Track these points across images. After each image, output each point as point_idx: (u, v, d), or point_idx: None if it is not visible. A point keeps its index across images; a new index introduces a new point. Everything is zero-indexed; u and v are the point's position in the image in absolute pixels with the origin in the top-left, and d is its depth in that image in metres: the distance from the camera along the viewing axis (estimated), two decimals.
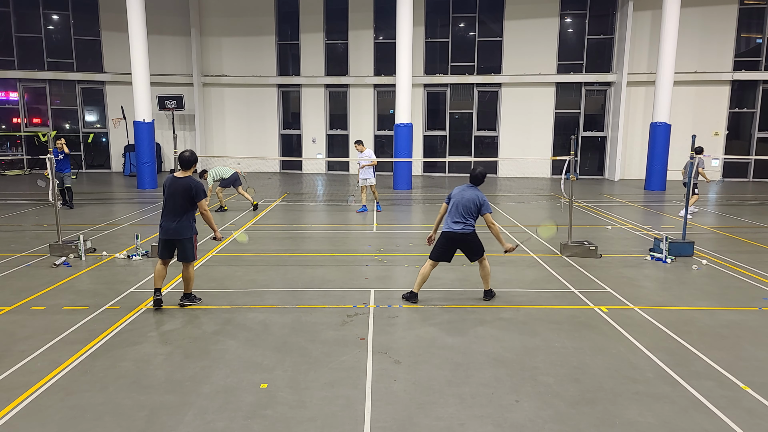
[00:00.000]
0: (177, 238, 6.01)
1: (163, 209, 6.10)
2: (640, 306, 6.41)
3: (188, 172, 6.08)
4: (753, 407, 4.13)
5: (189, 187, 5.94)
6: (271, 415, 4.01)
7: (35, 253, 8.80)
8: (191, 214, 6.07)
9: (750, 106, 21.42)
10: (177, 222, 5.96)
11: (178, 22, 23.09)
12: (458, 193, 6.43)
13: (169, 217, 5.99)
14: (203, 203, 6.03)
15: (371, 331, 5.59)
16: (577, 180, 13.14)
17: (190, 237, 6.07)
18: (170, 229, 6.00)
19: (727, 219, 12.54)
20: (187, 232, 6.04)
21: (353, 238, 10.54)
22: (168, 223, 6.01)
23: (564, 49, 22.00)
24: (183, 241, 6.04)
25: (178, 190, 5.93)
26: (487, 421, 3.94)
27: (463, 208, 6.32)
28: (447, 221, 6.43)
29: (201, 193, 5.99)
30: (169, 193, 5.98)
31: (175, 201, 5.94)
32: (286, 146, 24.44)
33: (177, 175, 6.04)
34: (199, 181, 6.02)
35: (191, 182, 5.97)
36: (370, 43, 22.92)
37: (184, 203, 5.94)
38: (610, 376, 4.64)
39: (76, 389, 4.37)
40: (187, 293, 6.29)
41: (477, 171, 6.48)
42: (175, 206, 5.95)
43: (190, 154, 6.08)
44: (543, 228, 7.92)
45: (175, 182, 5.98)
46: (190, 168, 6.11)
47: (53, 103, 23.52)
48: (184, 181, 5.96)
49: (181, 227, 5.99)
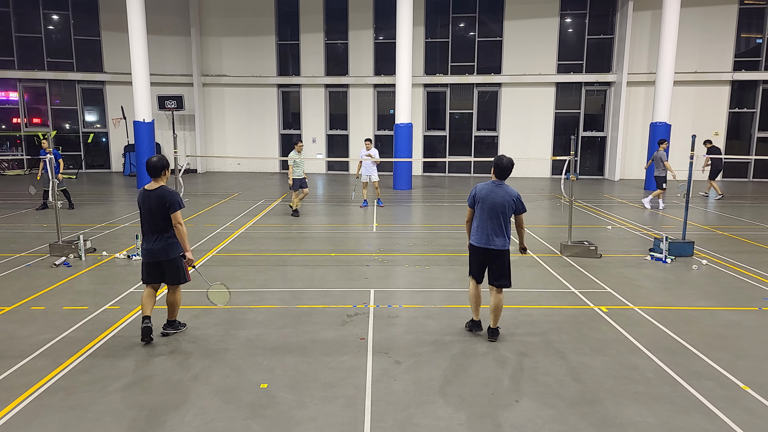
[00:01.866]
0: (164, 259, 5.27)
1: (142, 229, 5.39)
2: (640, 306, 6.41)
3: (160, 180, 5.28)
4: (753, 407, 4.14)
5: (162, 197, 5.17)
6: (271, 415, 4.01)
7: (35, 253, 8.80)
8: (173, 230, 5.30)
9: (750, 106, 21.41)
10: (160, 241, 5.24)
11: (178, 22, 23.08)
12: (486, 195, 5.27)
13: (151, 237, 5.27)
14: (178, 215, 5.22)
15: (371, 331, 5.59)
16: (577, 180, 13.13)
17: (177, 257, 5.33)
18: (154, 250, 5.25)
19: (727, 219, 12.54)
20: (174, 250, 5.30)
21: (353, 238, 10.54)
22: (151, 244, 5.27)
23: (564, 49, 22.00)
24: (171, 262, 5.30)
25: (152, 204, 5.19)
26: (487, 421, 3.94)
27: (498, 215, 5.22)
28: (477, 232, 5.34)
29: (175, 204, 5.20)
30: (145, 210, 5.26)
31: (153, 217, 5.21)
32: (286, 146, 24.42)
33: (148, 188, 5.26)
34: (174, 191, 5.26)
35: (164, 192, 5.20)
36: (370, 43, 22.92)
37: (163, 218, 5.20)
38: (610, 376, 4.64)
39: (76, 389, 4.37)
40: (171, 320, 5.57)
41: (505, 161, 5.28)
42: (154, 223, 5.22)
43: (157, 160, 5.26)
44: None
45: (148, 196, 5.23)
46: (161, 175, 5.27)
47: (53, 103, 23.51)
48: (156, 192, 5.20)
49: (167, 246, 5.25)
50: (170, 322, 5.57)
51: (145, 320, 5.28)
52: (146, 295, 5.39)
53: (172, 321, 5.57)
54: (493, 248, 5.27)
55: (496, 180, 5.32)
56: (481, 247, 5.32)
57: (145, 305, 5.34)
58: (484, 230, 5.28)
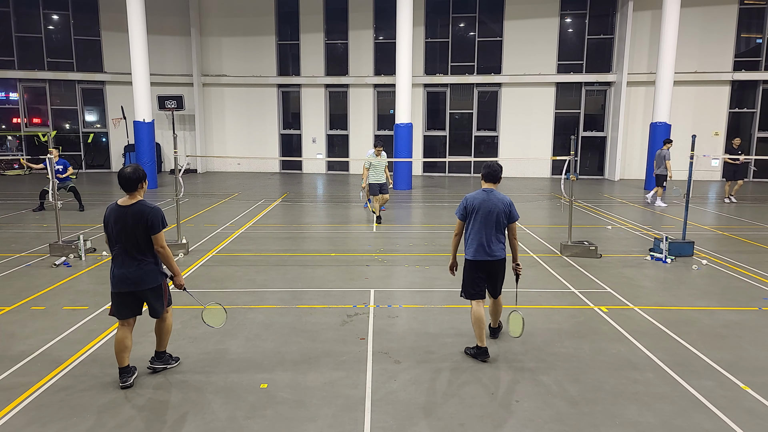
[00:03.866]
0: (139, 289, 4.36)
1: (111, 251, 4.43)
2: (640, 306, 6.41)
3: (136, 195, 4.38)
4: (753, 407, 4.13)
5: (141, 214, 4.29)
6: (271, 415, 4.01)
7: (35, 253, 8.80)
8: (153, 253, 4.41)
9: (750, 106, 21.42)
10: (136, 266, 4.32)
11: (178, 22, 23.09)
12: (479, 204, 4.96)
13: (124, 261, 4.33)
14: (160, 238, 4.35)
15: (371, 331, 5.59)
16: (577, 180, 13.13)
17: (159, 285, 4.44)
18: (128, 278, 4.32)
19: (727, 219, 12.54)
20: (152, 278, 4.39)
21: (353, 238, 10.54)
22: (122, 270, 4.32)
23: (564, 49, 22.00)
24: (147, 293, 4.40)
25: (129, 223, 4.28)
26: (487, 421, 3.94)
27: (494, 223, 4.95)
28: (473, 245, 5.00)
29: (158, 224, 4.33)
30: (118, 229, 4.31)
31: (128, 239, 4.29)
32: (286, 146, 24.44)
33: (121, 203, 4.35)
34: (155, 207, 4.38)
35: (143, 209, 4.31)
36: (370, 43, 22.92)
37: (141, 240, 4.31)
38: (610, 376, 4.64)
39: (76, 389, 4.37)
40: (160, 351, 4.69)
41: (493, 166, 5.08)
42: (129, 245, 4.30)
43: (132, 171, 4.36)
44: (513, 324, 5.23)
45: (123, 213, 4.31)
46: (137, 188, 4.38)
47: (53, 103, 23.51)
48: (134, 209, 4.31)
49: (144, 273, 4.35)
50: (159, 354, 4.70)
51: (123, 375, 4.37)
52: (120, 338, 4.38)
53: (162, 353, 4.70)
54: (495, 259, 4.99)
55: (486, 187, 5.07)
56: (482, 261, 4.98)
57: (121, 353, 4.37)
58: (481, 241, 4.95)
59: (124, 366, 4.40)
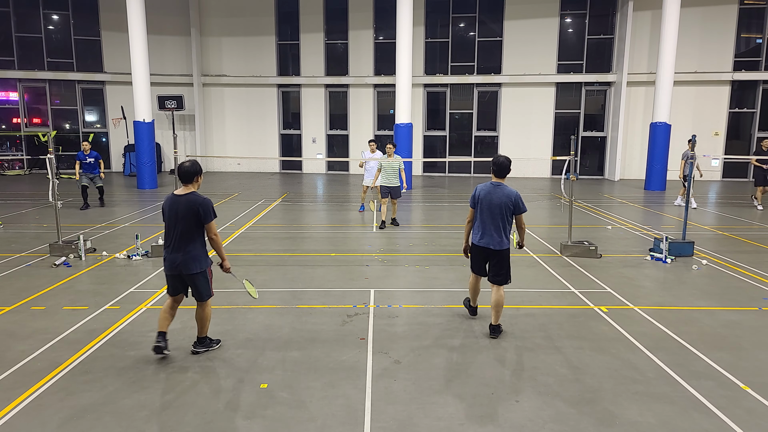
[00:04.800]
0: (186, 273, 4.81)
1: (165, 237, 4.94)
2: (640, 306, 6.41)
3: (191, 186, 4.87)
4: (753, 407, 4.14)
5: (193, 206, 4.74)
6: (271, 415, 4.01)
7: (35, 253, 8.80)
8: (201, 240, 4.86)
9: (750, 106, 21.41)
10: (184, 253, 4.77)
11: (178, 22, 23.08)
12: (485, 196, 5.36)
13: (174, 247, 4.80)
14: (213, 226, 4.84)
15: (371, 331, 5.59)
16: (577, 180, 13.12)
17: (203, 271, 4.88)
18: (175, 262, 4.79)
19: (727, 219, 12.54)
20: (197, 264, 4.82)
21: (353, 238, 10.54)
22: (173, 254, 4.80)
23: (564, 49, 22.00)
24: (194, 277, 4.85)
25: (180, 211, 4.74)
26: (487, 421, 3.94)
27: (496, 215, 5.32)
28: (476, 231, 5.50)
29: (208, 214, 4.78)
30: (170, 216, 4.79)
31: (178, 226, 4.76)
32: (286, 146, 24.43)
33: (177, 193, 4.84)
34: (207, 199, 4.83)
35: (196, 199, 4.77)
36: (370, 43, 22.92)
37: (190, 228, 4.76)
38: (610, 376, 4.64)
39: (76, 389, 4.37)
40: (201, 337, 5.10)
41: (501, 158, 5.36)
42: (179, 232, 4.76)
43: (190, 165, 4.86)
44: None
45: (176, 202, 4.78)
46: (193, 181, 4.88)
47: (53, 103, 23.51)
48: (186, 198, 4.77)
49: (190, 259, 4.79)
50: (200, 339, 5.08)
51: (158, 337, 4.86)
52: (164, 309, 4.99)
53: (203, 338, 5.08)
54: (492, 248, 5.42)
55: (496, 180, 5.44)
56: (481, 246, 5.48)
57: (162, 319, 4.94)
58: (483, 230, 5.44)
59: (162, 331, 4.91)
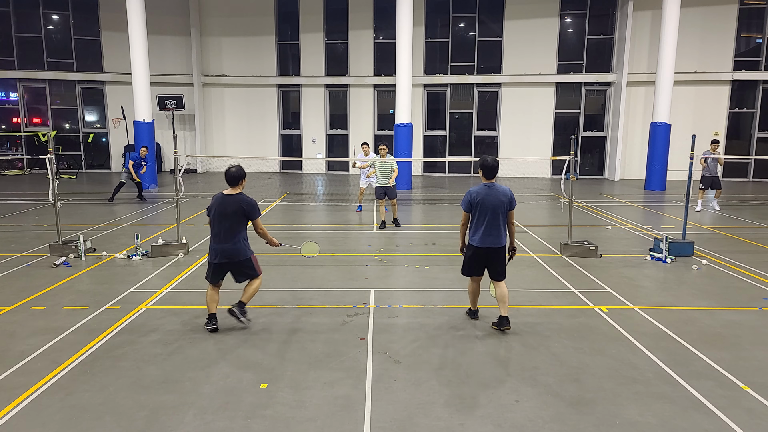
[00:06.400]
0: (235, 260, 5.58)
1: (212, 231, 5.61)
2: (640, 306, 6.41)
3: (238, 188, 5.61)
4: (753, 407, 4.13)
5: (241, 205, 5.52)
6: (271, 415, 4.01)
7: (35, 253, 8.80)
8: (245, 234, 5.67)
9: (750, 106, 21.42)
10: (232, 243, 5.53)
11: (178, 22, 23.08)
12: (484, 198, 5.43)
13: (223, 239, 5.53)
14: (259, 222, 5.66)
15: (371, 331, 5.59)
16: (577, 180, 13.13)
17: (249, 257, 5.67)
18: (227, 251, 5.53)
19: (727, 219, 12.54)
20: (244, 252, 5.62)
21: (353, 238, 10.53)
22: (222, 245, 5.53)
23: (564, 49, 22.00)
24: (242, 263, 5.64)
25: (229, 209, 5.50)
26: (487, 421, 3.94)
27: (498, 214, 5.45)
28: (475, 233, 5.53)
29: (255, 212, 5.60)
30: (219, 213, 5.54)
31: (226, 221, 5.50)
32: (286, 146, 24.44)
33: (226, 193, 5.59)
34: (252, 200, 5.62)
35: (243, 200, 5.55)
36: (370, 43, 22.92)
37: (237, 223, 5.53)
38: (610, 376, 4.64)
39: (76, 389, 4.37)
40: (242, 301, 5.72)
41: (489, 160, 5.48)
42: (228, 225, 5.51)
43: (236, 170, 5.58)
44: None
45: (225, 201, 5.55)
46: (239, 184, 5.61)
47: (53, 103, 23.51)
48: (235, 199, 5.54)
49: (239, 249, 5.56)
50: (241, 303, 5.70)
51: (211, 320, 5.60)
52: (210, 294, 5.68)
53: (243, 303, 5.70)
54: (498, 246, 5.52)
55: (487, 182, 5.51)
56: (485, 248, 5.50)
57: (210, 304, 5.67)
58: (485, 230, 5.47)
59: (212, 312, 5.65)
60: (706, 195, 13.78)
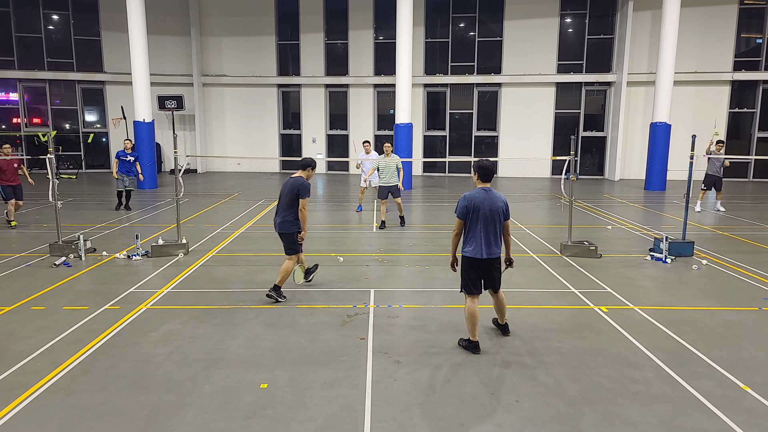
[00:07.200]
0: (281, 231, 6.52)
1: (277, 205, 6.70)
2: (640, 306, 6.41)
3: (302, 173, 6.54)
4: (753, 407, 4.13)
5: (296, 184, 6.40)
6: (271, 415, 4.01)
7: (35, 253, 8.80)
8: (295, 211, 6.43)
9: (750, 106, 21.42)
10: (282, 217, 6.47)
11: (178, 22, 23.08)
12: (481, 203, 5.00)
13: (278, 212, 6.57)
14: (304, 201, 6.40)
15: (371, 331, 5.59)
16: (577, 180, 13.13)
17: (292, 233, 6.47)
18: (276, 223, 6.56)
19: (727, 219, 12.53)
20: (288, 227, 6.46)
21: (353, 238, 10.53)
22: (276, 218, 6.58)
23: (564, 49, 22.00)
24: (284, 235, 6.55)
25: (287, 187, 6.46)
26: (487, 421, 3.94)
27: (496, 222, 5.04)
28: (473, 243, 5.06)
29: (304, 192, 6.40)
30: (282, 191, 6.55)
31: (284, 198, 6.48)
32: (286, 146, 24.44)
33: (293, 175, 6.54)
34: (306, 182, 6.44)
35: (297, 180, 6.42)
36: (370, 43, 22.92)
37: (290, 200, 6.41)
38: (610, 376, 4.64)
39: (76, 389, 4.37)
40: (276, 285, 6.49)
41: (486, 163, 5.12)
42: (282, 202, 6.50)
43: (302, 160, 6.59)
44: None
45: (288, 181, 6.50)
46: (305, 170, 6.56)
47: (53, 103, 23.51)
48: (294, 180, 6.45)
49: (285, 222, 6.46)
50: (275, 286, 6.48)
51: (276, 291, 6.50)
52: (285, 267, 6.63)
53: (277, 287, 6.47)
54: (493, 257, 5.08)
55: (484, 186, 5.11)
56: (482, 258, 5.05)
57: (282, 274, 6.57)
58: (482, 240, 5.01)
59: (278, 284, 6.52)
60: (706, 196, 13.78)
